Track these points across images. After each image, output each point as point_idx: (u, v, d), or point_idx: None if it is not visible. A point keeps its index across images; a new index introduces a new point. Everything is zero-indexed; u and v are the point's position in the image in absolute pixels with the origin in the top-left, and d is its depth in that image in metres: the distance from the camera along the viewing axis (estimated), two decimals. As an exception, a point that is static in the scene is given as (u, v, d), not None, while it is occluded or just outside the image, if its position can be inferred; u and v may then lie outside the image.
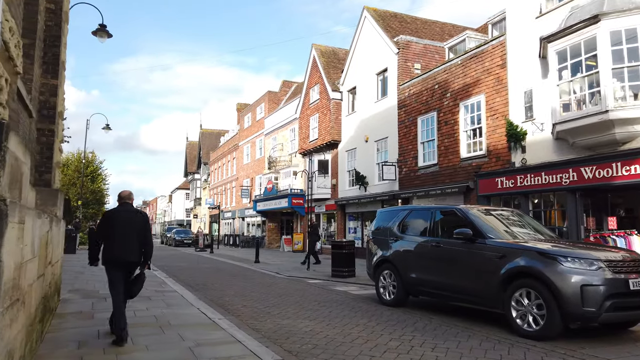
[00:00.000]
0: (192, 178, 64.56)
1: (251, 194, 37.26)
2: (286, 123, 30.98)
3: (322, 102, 25.26)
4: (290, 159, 30.10)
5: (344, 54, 26.48)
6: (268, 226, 33.80)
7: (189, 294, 9.57)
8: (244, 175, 39.52)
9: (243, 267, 17.21)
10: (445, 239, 7.84)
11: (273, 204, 30.09)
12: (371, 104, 21.49)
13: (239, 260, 20.52)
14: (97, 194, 36.00)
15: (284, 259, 21.59)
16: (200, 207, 59.15)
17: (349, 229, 23.59)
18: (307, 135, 26.87)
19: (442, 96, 16.81)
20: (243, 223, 39.98)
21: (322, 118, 25.09)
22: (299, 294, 10.25)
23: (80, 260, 17.27)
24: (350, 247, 13.72)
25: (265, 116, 34.95)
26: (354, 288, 11.56)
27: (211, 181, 52.73)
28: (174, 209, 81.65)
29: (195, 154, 63.23)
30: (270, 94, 35.05)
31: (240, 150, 40.78)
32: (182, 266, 17.31)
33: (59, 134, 8.37)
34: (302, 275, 14.11)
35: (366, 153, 21.66)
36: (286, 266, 17.54)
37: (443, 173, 16.58)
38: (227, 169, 45.71)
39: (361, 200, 21.51)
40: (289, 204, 27.60)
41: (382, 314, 7.99)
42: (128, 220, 5.70)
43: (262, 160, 35.15)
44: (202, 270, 15.74)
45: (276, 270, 15.87)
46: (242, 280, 13.02)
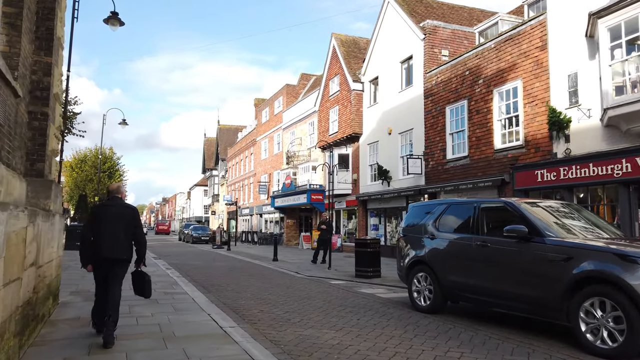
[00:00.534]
0: (210, 174, 64.24)
1: (269, 190, 36.47)
2: (305, 116, 30.03)
3: (342, 94, 24.22)
4: (309, 153, 29.16)
5: (365, 43, 25.38)
6: (286, 223, 32.95)
7: (201, 297, 8.70)
8: (261, 171, 38.75)
9: (261, 266, 16.35)
10: (493, 237, 6.77)
11: (291, 200, 29.21)
12: (395, 94, 20.36)
13: (256, 258, 19.68)
14: (115, 190, 35.66)
15: (303, 257, 20.67)
16: (218, 204, 58.76)
17: (371, 226, 22.54)
18: (327, 128, 25.87)
19: (474, 83, 15.61)
20: (261, 220, 39.25)
21: (343, 110, 24.05)
22: (322, 297, 9.28)
23: None
24: (375, 246, 12.70)
25: (283, 110, 34.07)
26: (381, 290, 10.55)
27: (229, 177, 52.20)
28: (193, 206, 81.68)
29: (213, 151, 62.85)
30: (288, 87, 34.14)
31: (258, 145, 40.02)
32: (197, 265, 16.53)
33: (56, 120, 7.54)
34: (324, 275, 13.15)
35: (389, 146, 20.56)
36: (306, 265, 16.61)
37: (475, 166, 15.40)
38: (244, 165, 45.04)
39: (384, 196, 20.43)
40: (308, 200, 26.67)
41: (418, 322, 6.97)
42: (116, 215, 5.41)
43: (280, 156, 34.30)
44: (217, 269, 14.91)
45: (295, 269, 14.95)
46: (259, 280, 12.13)
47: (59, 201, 7.31)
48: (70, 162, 36.55)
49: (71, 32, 17.54)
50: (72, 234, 22.11)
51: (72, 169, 36.02)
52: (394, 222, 20.73)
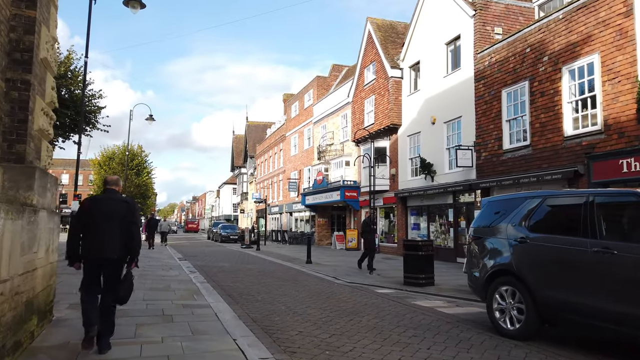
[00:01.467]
0: (238, 172, 63.40)
1: (299, 187, 34.98)
2: (337, 109, 28.34)
3: (378, 82, 22.41)
4: (341, 147, 27.46)
5: (403, 28, 23.49)
6: (318, 221, 31.37)
7: (227, 310, 7.16)
8: (291, 168, 37.31)
9: (294, 269, 14.78)
10: (620, 242, 4.93)
11: (323, 197, 27.59)
12: (439, 80, 18.43)
13: (288, 260, 18.14)
14: (142, 188, 34.90)
15: (338, 259, 19.02)
16: (247, 202, 57.79)
17: (411, 225, 20.67)
18: (362, 120, 24.11)
19: (537, 61, 13.57)
20: (291, 218, 37.82)
21: (379, 100, 22.25)
22: (372, 312, 7.60)
23: None
24: (428, 248, 10.91)
25: (313, 103, 32.48)
26: (440, 303, 8.78)
27: (257, 175, 51.07)
28: (222, 204, 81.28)
29: (241, 148, 61.94)
30: (319, 79, 32.53)
31: (288, 141, 38.59)
32: (224, 267, 15.11)
33: (46, 93, 6.11)
34: (367, 282, 11.44)
35: (433, 137, 18.65)
36: (344, 268, 14.95)
37: (538, 156, 13.37)
38: (273, 162, 43.74)
39: (427, 192, 18.54)
40: (342, 197, 24.99)
41: (510, 354, 5.20)
42: (110, 209, 4.83)
43: (311, 151, 32.74)
44: (246, 273, 13.42)
45: (333, 273, 13.30)
46: (293, 287, 10.54)
47: (50, 194, 5.88)
48: (99, 160, 36.03)
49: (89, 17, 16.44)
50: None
51: (101, 167, 35.48)
52: (438, 221, 18.81)
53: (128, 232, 4.82)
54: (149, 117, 29.66)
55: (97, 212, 4.78)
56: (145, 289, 8.92)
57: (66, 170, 71.48)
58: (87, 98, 21.48)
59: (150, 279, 10.39)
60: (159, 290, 8.96)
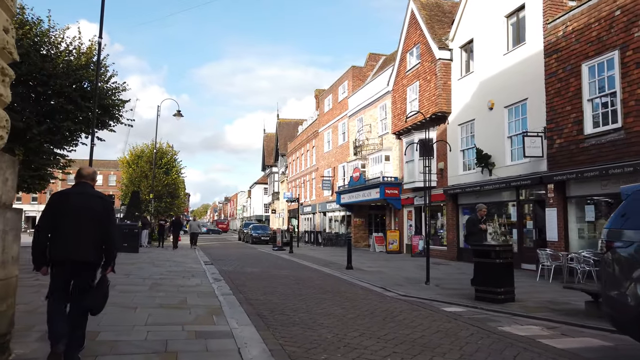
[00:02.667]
0: (269, 172, 62.01)
1: (333, 186, 32.99)
2: (375, 100, 26.17)
3: (423, 66, 20.14)
4: (380, 141, 25.28)
5: (451, 6, 21.13)
6: (354, 222, 29.27)
7: (254, 341, 5.23)
8: (324, 165, 35.36)
9: (333, 277, 12.76)
10: None
11: (360, 195, 25.49)
12: (498, 58, 16.04)
13: (325, 265, 16.14)
14: (171, 187, 33.70)
15: (380, 264, 16.89)
16: (278, 202, 56.28)
17: (463, 226, 18.29)
18: (404, 110, 21.87)
19: (631, 25, 11.07)
20: (324, 218, 35.87)
21: (425, 86, 19.97)
22: (452, 345, 5.48)
23: (135, 263, 13.90)
24: (507, 254, 8.65)
25: (348, 95, 30.40)
26: (538, 329, 6.58)
27: (289, 174, 49.41)
28: (253, 205, 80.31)
29: (272, 146, 60.51)
30: (354, 69, 30.42)
31: (321, 137, 36.66)
32: (254, 273, 13.23)
33: None
34: (426, 296, 9.29)
35: (490, 124, 16.27)
36: (391, 276, 12.83)
37: (634, 141, 10.87)
38: (305, 159, 41.92)
39: (484, 188, 16.19)
40: (382, 195, 22.82)
41: None
42: (83, 206, 4.16)
43: (346, 146, 30.68)
44: (279, 281, 11.50)
45: (380, 282, 11.22)
46: (337, 301, 8.52)
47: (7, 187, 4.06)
48: (128, 159, 35.09)
49: None
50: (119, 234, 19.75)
51: (129, 166, 34.52)
52: (497, 220, 16.40)
53: (104, 232, 4.23)
54: (177, 112, 28.44)
55: (67, 209, 4.16)
56: (154, 306, 7.08)
57: (100, 171, 71.91)
58: (110, 91, 20.22)
59: (163, 291, 8.58)
60: (171, 307, 7.11)
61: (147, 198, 30.22)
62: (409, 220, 22.58)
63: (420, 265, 16.15)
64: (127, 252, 18.87)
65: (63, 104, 18.41)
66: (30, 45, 17.97)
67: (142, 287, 9.08)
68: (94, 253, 4.19)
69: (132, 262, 14.38)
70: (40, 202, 67.61)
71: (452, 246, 18.46)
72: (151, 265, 13.83)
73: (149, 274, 11.39)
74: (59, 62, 18.31)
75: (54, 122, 18.47)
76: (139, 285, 9.35)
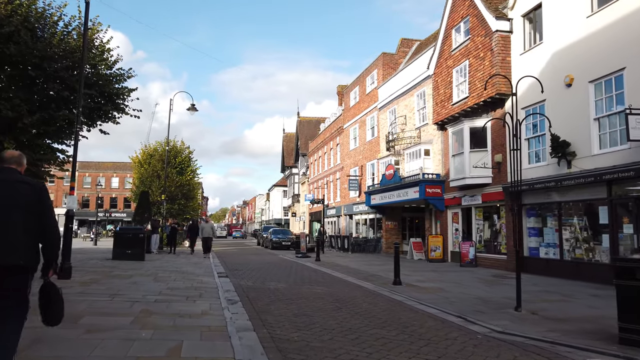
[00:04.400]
0: (289, 173, 59.40)
1: (361, 186, 30.07)
2: (410, 87, 23.20)
3: (474, 42, 17.13)
4: (417, 134, 22.28)
5: (505, -28, 18.06)
6: (385, 225, 26.26)
7: None
8: (350, 164, 32.46)
9: (382, 296, 9.84)
10: None
11: (395, 195, 22.52)
12: (578, 23, 12.97)
13: (364, 277, 13.24)
14: (185, 188, 31.23)
15: (430, 276, 13.91)
16: (298, 205, 53.55)
17: (527, 231, 15.20)
18: (448, 96, 18.87)
19: None
20: (350, 222, 32.93)
21: (476, 65, 16.95)
22: None
23: (133, 275, 11.16)
24: (675, 276, 5.64)
25: (378, 85, 27.48)
26: None
27: (310, 174, 46.65)
28: (272, 207, 77.83)
29: (292, 147, 57.90)
30: (385, 56, 27.48)
31: (346, 133, 33.79)
32: (280, 291, 10.39)
33: None
34: (538, 335, 6.30)
35: (569, 105, 13.19)
36: (458, 296, 9.86)
37: None
38: (329, 158, 39.10)
39: (562, 183, 13.11)
40: (422, 195, 19.81)
41: None
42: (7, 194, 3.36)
43: (376, 142, 27.74)
44: (314, 304, 8.65)
45: (451, 307, 8.29)
46: (409, 345, 5.63)
47: None
48: (139, 158, 32.78)
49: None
50: (122, 240, 17.21)
51: (141, 165, 32.20)
52: (577, 223, 13.28)
53: (38, 225, 3.37)
54: (190, 106, 26.02)
55: None
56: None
57: (116, 173, 70.39)
58: (114, 78, 17.78)
59: (152, 327, 5.79)
60: (153, 365, 4.32)
61: (158, 199, 27.76)
62: (454, 224, 19.51)
63: (482, 279, 13.16)
64: (131, 260, 16.31)
65: (59, 90, 16.04)
66: (20, 22, 15.47)
67: (124, 317, 6.34)
68: (24, 252, 3.27)
69: (130, 275, 11.72)
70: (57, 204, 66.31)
71: (513, 255, 15.34)
72: (152, 278, 11.14)
73: (143, 292, 8.68)
74: (54, 42, 15.90)
75: (49, 111, 16.07)
76: (122, 313, 6.61)
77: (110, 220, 64.05)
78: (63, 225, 10.38)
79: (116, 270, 12.86)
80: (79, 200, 66.96)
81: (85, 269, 12.71)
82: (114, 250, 16.96)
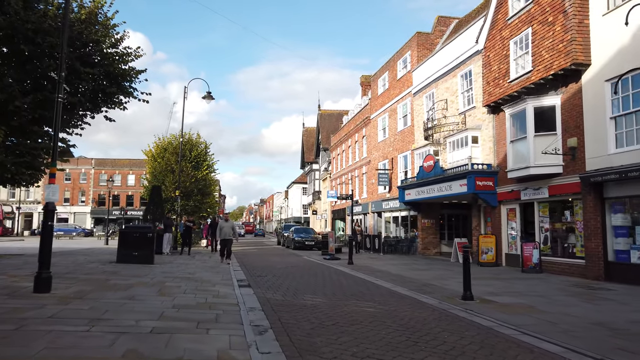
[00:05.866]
0: (309, 169, 57.00)
1: (392, 180, 27.48)
2: (452, 68, 20.51)
3: (540, 5, 14.38)
4: (462, 119, 19.59)
5: None
6: (421, 224, 23.62)
7: None
8: (379, 157, 29.86)
9: (459, 319, 7.27)
10: None
11: (435, 190, 19.87)
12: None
13: (417, 288, 10.70)
14: (201, 183, 29.03)
15: (498, 286, 11.28)
16: (319, 202, 51.15)
17: (613, 230, 12.45)
18: (504, 72, 16.16)
19: None
20: (379, 219, 30.35)
21: (542, 33, 14.22)
22: None
23: (133, 285, 8.74)
24: None
25: (412, 68, 24.81)
26: None
27: (332, 170, 44.16)
28: (291, 205, 75.60)
29: (312, 142, 55.52)
30: (419, 36, 24.77)
31: (373, 124, 31.19)
32: (320, 309, 7.90)
33: None
34: None
35: (678, 71, 10.40)
36: (556, 315, 7.26)
37: None
38: (353, 152, 36.54)
39: (669, 170, 10.34)
40: (471, 189, 17.14)
41: None
42: None
43: (409, 132, 25.10)
44: (372, 330, 6.16)
45: (577, 342, 5.72)
46: None
47: None
48: (153, 152, 30.70)
49: None
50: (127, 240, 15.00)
51: (154, 159, 30.11)
52: (689, 221, 10.50)
53: None
54: (207, 94, 23.89)
55: None
56: None
57: (132, 170, 68.95)
58: (119, 57, 15.60)
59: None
60: None
61: (172, 195, 25.60)
62: (509, 222, 16.80)
63: (566, 290, 10.40)
64: (138, 264, 14.09)
65: (55, 69, 13.92)
66: (9, -12, 13.26)
67: None
68: None
69: (130, 284, 9.41)
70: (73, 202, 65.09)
71: (595, 260, 12.62)
72: (156, 290, 8.80)
73: (138, 315, 6.33)
74: (49, 14, 13.74)
75: (44, 92, 13.96)
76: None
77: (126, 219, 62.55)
78: (41, 224, 8.10)
79: (115, 277, 10.59)
80: (95, 198, 65.71)
81: (78, 277, 10.45)
82: (119, 252, 14.75)
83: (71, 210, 65.01)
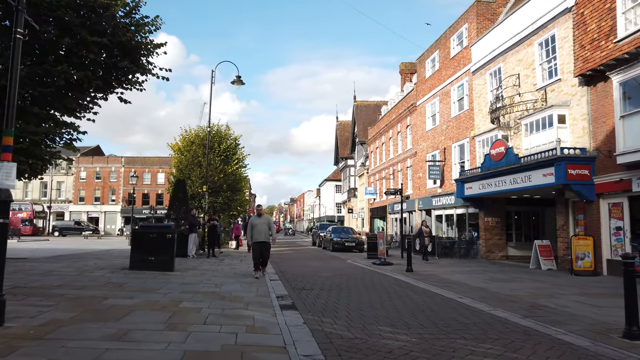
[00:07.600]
0: (344, 165, 54.01)
1: (443, 174, 24.20)
2: (527, 35, 17.11)
3: None
4: (542, 95, 16.19)
5: None
6: (484, 222, 20.28)
7: None
8: (427, 147, 26.59)
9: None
10: None
11: (507, 182, 16.57)
12: None
13: (530, 313, 7.59)
14: (230, 178, 26.48)
15: None
16: (355, 200, 48.10)
17: None
18: (607, 30, 12.75)
19: None
20: (428, 219, 27.06)
21: (671, -30, 10.75)
22: None
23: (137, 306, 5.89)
24: None
25: (470, 43, 21.48)
26: None
27: (370, 165, 41.04)
28: (323, 203, 72.73)
29: (347, 136, 52.49)
30: (479, 5, 21.39)
31: (420, 112, 27.92)
32: (408, 352, 4.93)
33: None
34: None
35: None
36: None
37: None
38: (395, 144, 33.34)
39: None
40: (560, 179, 13.80)
41: None
42: None
43: (467, 117, 21.79)
44: None
45: None
46: None
47: None
48: (179, 145, 28.37)
49: None
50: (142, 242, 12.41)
51: (181, 152, 27.78)
52: None
53: None
54: (236, 78, 21.52)
55: None
56: None
57: (162, 169, 67.62)
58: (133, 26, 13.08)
59: None
60: None
61: (199, 191, 23.11)
62: (613, 220, 13.37)
63: None
64: (154, 271, 11.50)
65: (57, 36, 11.53)
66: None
67: None
68: None
69: (132, 306, 6.69)
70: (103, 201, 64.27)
71: None
72: (165, 318, 6.04)
73: None
74: (48, -29, 11.27)
75: (43, 65, 11.57)
76: None
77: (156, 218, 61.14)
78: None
79: (117, 293, 7.92)
80: (125, 197, 64.57)
81: (66, 293, 7.83)
82: (132, 257, 12.18)
83: (102, 209, 64.15)
